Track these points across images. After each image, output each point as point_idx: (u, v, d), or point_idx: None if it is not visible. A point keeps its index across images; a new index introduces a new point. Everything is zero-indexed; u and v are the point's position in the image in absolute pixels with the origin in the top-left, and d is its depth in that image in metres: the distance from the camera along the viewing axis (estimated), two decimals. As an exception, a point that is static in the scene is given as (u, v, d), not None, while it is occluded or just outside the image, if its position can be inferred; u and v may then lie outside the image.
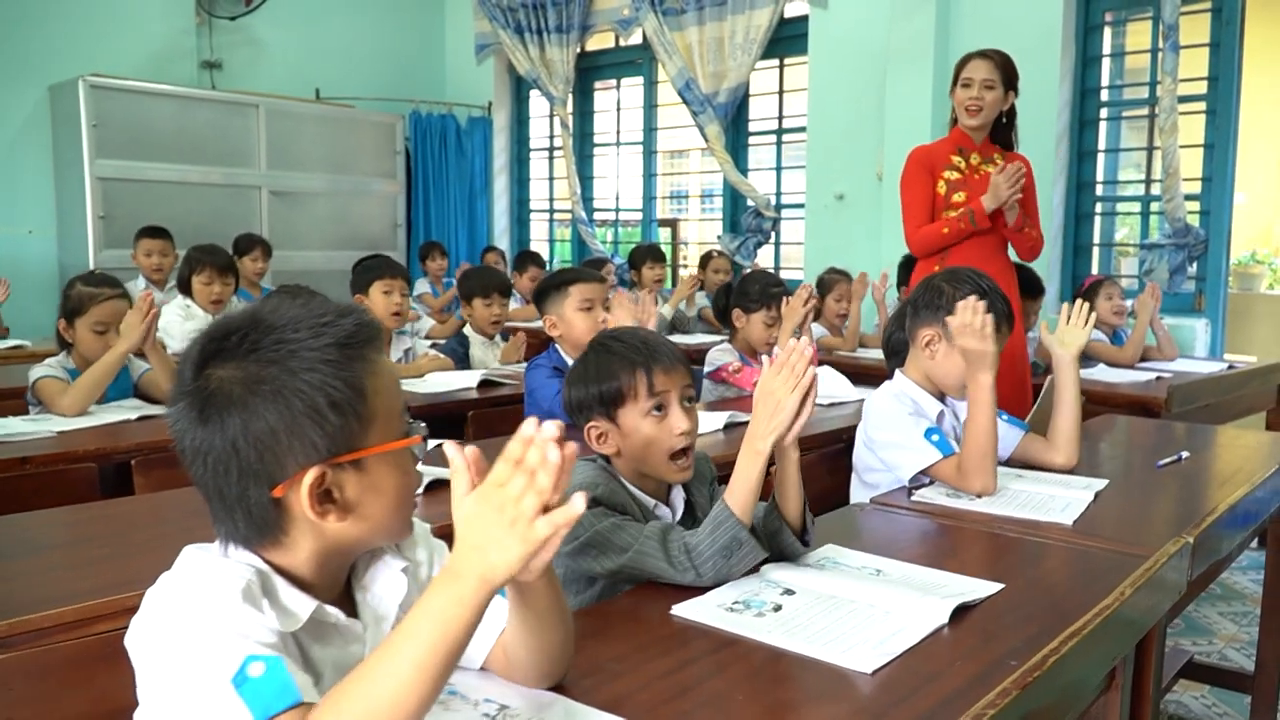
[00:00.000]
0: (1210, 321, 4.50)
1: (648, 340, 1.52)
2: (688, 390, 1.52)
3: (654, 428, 1.47)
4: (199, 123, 6.00)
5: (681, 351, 1.55)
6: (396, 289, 3.26)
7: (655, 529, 1.37)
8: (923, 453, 1.90)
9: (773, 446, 1.36)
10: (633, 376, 1.47)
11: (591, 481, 1.46)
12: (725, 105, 5.93)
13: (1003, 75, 3.13)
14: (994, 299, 1.95)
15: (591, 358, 1.53)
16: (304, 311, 0.95)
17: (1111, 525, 1.68)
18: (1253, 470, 2.07)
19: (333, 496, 0.94)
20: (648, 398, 1.47)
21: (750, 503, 1.35)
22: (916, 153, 3.29)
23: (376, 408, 0.95)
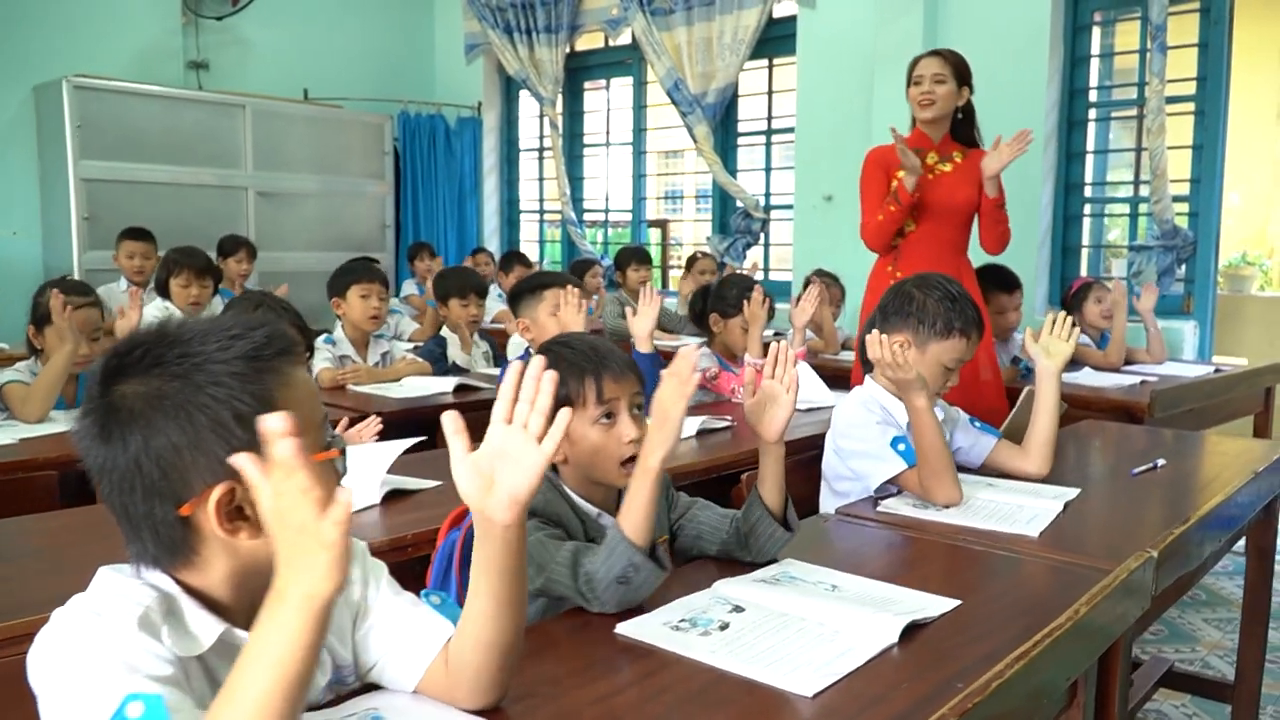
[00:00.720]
0: (1199, 324, 4.47)
1: (598, 347, 1.49)
2: (637, 399, 1.49)
3: (602, 436, 1.44)
4: (185, 123, 5.96)
5: (632, 360, 1.52)
6: (374, 293, 3.23)
7: (569, 552, 1.33)
8: (888, 462, 1.87)
9: (662, 462, 1.32)
10: (581, 384, 1.44)
11: None
12: (714, 106, 5.90)
13: (954, 71, 3.18)
14: (963, 305, 1.93)
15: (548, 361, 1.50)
16: (212, 325, 0.94)
17: (1077, 537, 1.65)
18: (1229, 478, 2.04)
19: (244, 513, 0.91)
20: (596, 405, 1.44)
21: (644, 524, 1.30)
22: (874, 153, 3.33)
23: None
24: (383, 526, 1.71)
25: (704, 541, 1.54)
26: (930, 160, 3.25)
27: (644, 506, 1.30)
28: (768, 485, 1.50)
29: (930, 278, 1.99)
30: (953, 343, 1.93)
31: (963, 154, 3.30)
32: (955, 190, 3.23)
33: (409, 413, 2.83)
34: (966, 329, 1.92)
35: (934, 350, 1.94)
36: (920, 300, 1.95)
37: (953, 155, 3.28)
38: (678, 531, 1.58)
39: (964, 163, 3.29)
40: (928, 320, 1.94)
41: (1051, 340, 2.12)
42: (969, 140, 3.32)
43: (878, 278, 3.43)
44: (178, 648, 0.87)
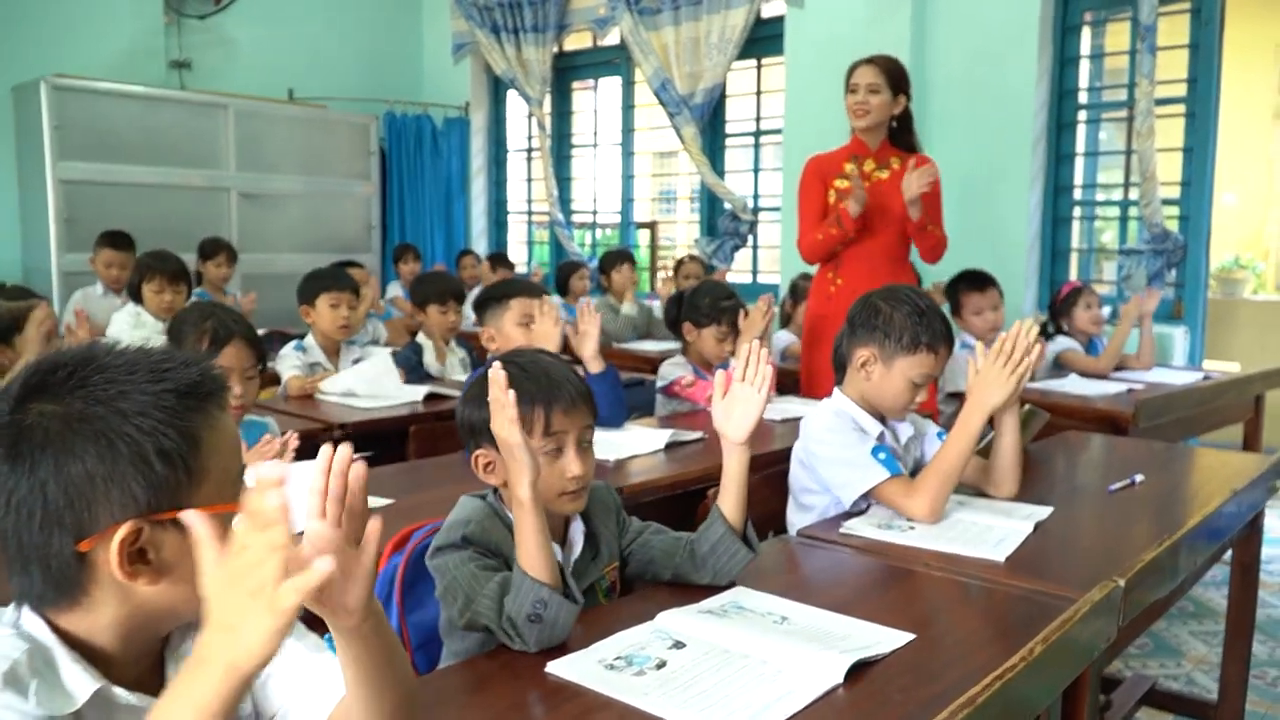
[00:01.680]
0: (1189, 329, 4.41)
1: (551, 374, 1.41)
2: (587, 432, 1.42)
3: (544, 468, 1.37)
4: (166, 124, 5.90)
5: (587, 389, 1.44)
6: (344, 301, 3.16)
7: (495, 587, 1.26)
8: (869, 470, 1.81)
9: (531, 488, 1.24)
10: (529, 412, 1.37)
11: (465, 518, 1.37)
12: (701, 106, 5.84)
13: (889, 79, 3.20)
14: (931, 319, 1.86)
15: (485, 381, 1.43)
16: (144, 354, 0.89)
17: (1045, 562, 1.58)
18: (1209, 495, 1.97)
19: (147, 556, 0.86)
20: (543, 437, 1.37)
21: (539, 557, 1.23)
22: (811, 162, 3.34)
23: (210, 465, 0.88)
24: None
25: (656, 566, 1.48)
26: (867, 167, 3.28)
27: (532, 539, 1.24)
28: (729, 496, 1.45)
29: (898, 291, 1.92)
30: (919, 358, 1.86)
31: (900, 160, 3.31)
32: (893, 197, 3.22)
33: (373, 424, 2.77)
34: (934, 344, 1.86)
35: (900, 365, 1.87)
36: (887, 314, 1.88)
37: (890, 162, 3.31)
38: (628, 558, 1.52)
39: (901, 169, 3.28)
40: (894, 334, 1.87)
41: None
42: (908, 146, 3.35)
43: (818, 286, 3.41)
44: (47, 706, 0.81)
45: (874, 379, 1.90)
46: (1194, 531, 1.69)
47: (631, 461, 2.27)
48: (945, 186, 4.94)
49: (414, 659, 1.53)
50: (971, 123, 4.84)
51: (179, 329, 2.06)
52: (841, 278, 3.31)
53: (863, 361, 1.91)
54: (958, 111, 4.88)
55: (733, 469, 1.45)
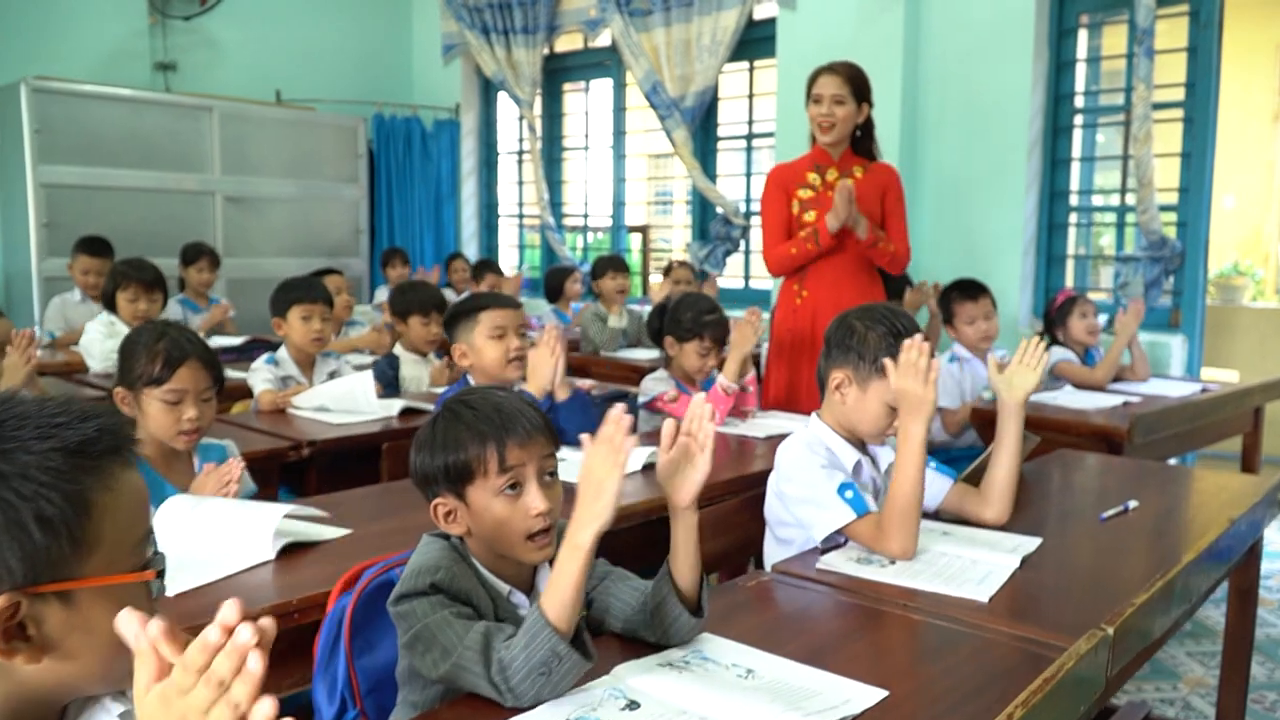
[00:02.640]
0: (1187, 338, 4.33)
1: (502, 407, 1.33)
2: (548, 464, 1.34)
3: (506, 508, 1.29)
4: (149, 126, 5.81)
5: (544, 418, 1.36)
6: (316, 313, 3.08)
7: (479, 636, 1.18)
8: (835, 511, 1.72)
9: (595, 539, 1.18)
10: (483, 450, 1.29)
11: (433, 564, 1.28)
12: (693, 109, 5.75)
13: (853, 89, 3.16)
14: (908, 339, 1.77)
15: (440, 424, 1.35)
16: (39, 407, 0.82)
17: (1030, 603, 1.50)
18: (1206, 523, 1.90)
19: (26, 632, 0.78)
20: (499, 474, 1.29)
21: (571, 608, 1.16)
22: (774, 172, 3.31)
23: (103, 531, 0.80)
24: (272, 588, 1.56)
25: (612, 617, 1.39)
26: (830, 177, 3.25)
27: (571, 588, 1.16)
28: (679, 560, 1.35)
29: (875, 310, 1.83)
30: None
31: (864, 168, 3.30)
32: (859, 207, 3.17)
33: (344, 442, 2.68)
34: None
35: (875, 388, 1.79)
36: (861, 334, 1.80)
37: (854, 170, 3.28)
38: (590, 602, 1.43)
39: (865, 177, 3.27)
40: (868, 356, 1.79)
41: (1017, 370, 1.96)
42: (869, 153, 3.32)
43: (784, 299, 3.35)
44: None
45: (849, 402, 1.82)
46: (1188, 568, 1.61)
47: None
48: (939, 192, 4.90)
49: (363, 706, 1.45)
50: (965, 127, 4.76)
51: (130, 350, 1.97)
52: (807, 289, 3.28)
53: (837, 384, 1.83)
54: (951, 116, 4.80)
55: (680, 535, 1.35)
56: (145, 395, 1.96)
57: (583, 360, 4.58)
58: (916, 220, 4.94)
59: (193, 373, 1.99)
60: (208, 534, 1.66)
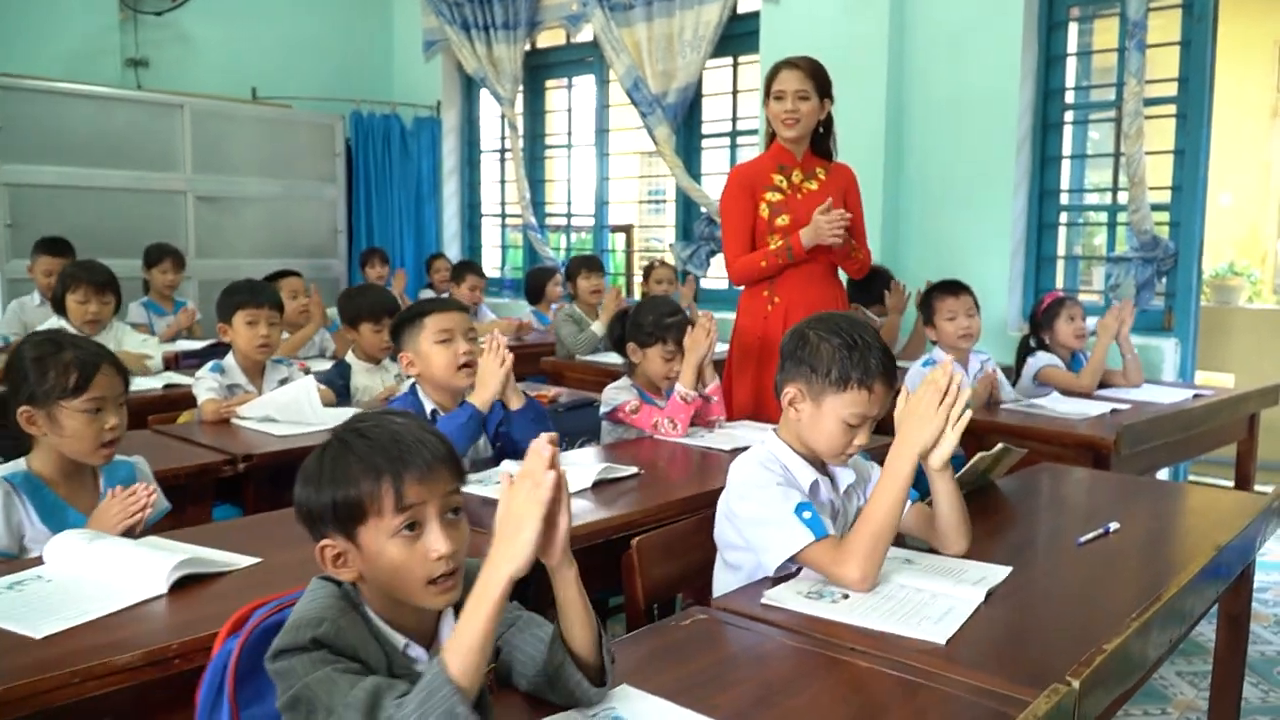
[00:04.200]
0: (1180, 341, 4.18)
1: (400, 437, 1.17)
2: (452, 500, 1.18)
3: (403, 551, 1.14)
4: (118, 125, 5.66)
5: (448, 447, 1.21)
6: (263, 318, 2.94)
7: (365, 694, 1.03)
8: (792, 533, 1.58)
9: (509, 582, 1.04)
10: (376, 485, 1.13)
11: (316, 616, 1.13)
12: (675, 106, 5.60)
13: (815, 84, 3.07)
14: (865, 352, 1.63)
15: (328, 455, 1.18)
16: None
17: (992, 645, 1.36)
18: (1192, 549, 1.75)
19: None
20: (396, 514, 1.13)
21: (476, 661, 1.02)
22: (736, 173, 3.20)
23: None
24: (155, 628, 1.41)
25: (515, 674, 1.24)
26: (795, 178, 3.16)
27: (478, 636, 1.03)
28: (567, 621, 1.19)
29: (831, 319, 1.68)
30: (851, 395, 1.63)
31: (825, 170, 3.21)
32: None
33: (285, 455, 2.54)
34: (867, 380, 1.62)
35: (830, 404, 1.64)
36: (814, 345, 1.65)
37: (816, 172, 3.19)
38: (498, 651, 1.28)
39: (828, 179, 3.18)
40: (821, 369, 1.64)
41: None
42: (827, 153, 3.23)
43: (753, 304, 3.20)
44: None
45: (803, 419, 1.68)
46: (1169, 604, 1.46)
47: (550, 505, 2.04)
48: (924, 190, 4.75)
49: (251, 761, 1.31)
50: (952, 124, 4.61)
51: (33, 365, 1.82)
52: (778, 295, 3.16)
53: (790, 399, 1.68)
54: (938, 112, 4.65)
55: (560, 591, 1.19)
56: (61, 410, 1.82)
57: (556, 365, 4.44)
58: (901, 220, 4.82)
59: (108, 379, 1.87)
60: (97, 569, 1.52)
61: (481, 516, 1.95)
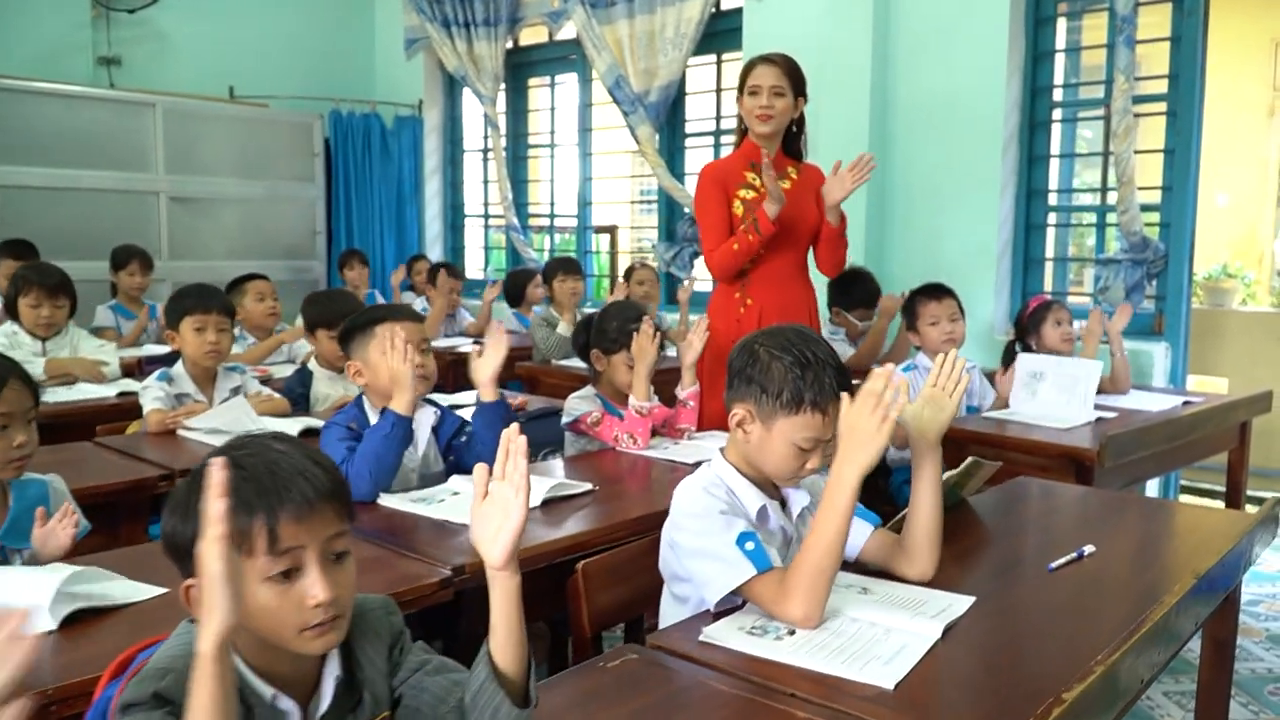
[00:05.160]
0: (1170, 345, 4.06)
1: (278, 468, 1.05)
2: (336, 543, 1.07)
3: (276, 597, 1.02)
4: (88, 124, 5.55)
5: (335, 481, 1.09)
6: (211, 324, 2.82)
7: None
8: (733, 567, 1.46)
9: (216, 647, 0.93)
10: (248, 523, 1.02)
11: (164, 666, 1.01)
12: (657, 105, 5.49)
13: (790, 81, 3.03)
14: (820, 371, 1.51)
15: (197, 484, 1.07)
16: None
17: (945, 690, 1.25)
18: (1174, 574, 1.64)
19: None
20: (269, 556, 1.02)
21: None
22: (709, 169, 3.15)
23: None
24: (44, 669, 1.29)
25: (422, 718, 1.13)
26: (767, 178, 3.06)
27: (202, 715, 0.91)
28: (499, 635, 1.10)
29: (784, 334, 1.56)
30: (803, 418, 1.51)
31: (797, 169, 3.15)
32: (798, 209, 3.05)
33: (228, 468, 2.42)
34: (821, 402, 1.50)
35: (781, 426, 1.52)
36: (765, 363, 1.53)
37: (788, 171, 3.13)
38: (399, 699, 1.17)
39: (800, 179, 3.13)
40: (772, 388, 1.52)
41: (930, 400, 1.67)
42: (797, 154, 3.18)
43: (724, 306, 3.14)
44: None
45: (753, 441, 1.56)
46: (1142, 642, 1.35)
47: (493, 525, 1.92)
48: (908, 191, 4.63)
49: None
50: (938, 122, 4.49)
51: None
52: (751, 297, 3.10)
53: (739, 420, 1.56)
54: (923, 111, 4.54)
55: (498, 602, 1.10)
56: None
57: (531, 370, 4.33)
58: (885, 221, 4.70)
59: (16, 394, 1.75)
60: (-19, 600, 1.40)
61: (432, 540, 1.84)
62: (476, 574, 1.73)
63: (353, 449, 2.11)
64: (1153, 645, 1.40)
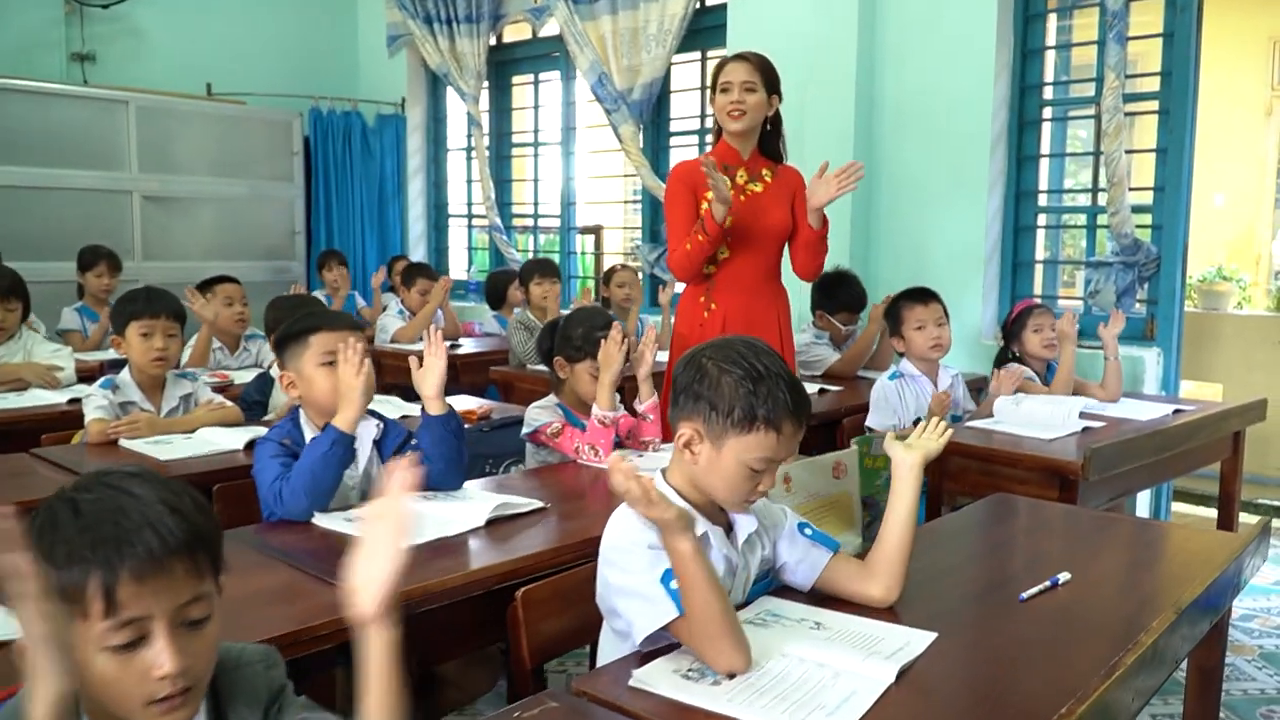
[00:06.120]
0: (1163, 351, 3.94)
1: (124, 514, 0.91)
2: (191, 609, 0.93)
3: (116, 667, 0.90)
4: (60, 122, 5.43)
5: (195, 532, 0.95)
6: (159, 330, 2.70)
7: None
8: (657, 606, 1.33)
9: None
10: (82, 580, 0.88)
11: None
12: (640, 103, 5.37)
13: (763, 78, 2.93)
14: (772, 386, 1.38)
15: (35, 525, 0.93)
16: None
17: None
18: (1157, 604, 1.52)
19: None
20: (106, 622, 0.89)
21: None
22: (678, 169, 3.04)
23: None
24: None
25: None
26: (740, 179, 2.98)
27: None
28: (372, 702, 0.98)
29: (732, 346, 1.44)
30: (756, 437, 1.39)
31: (772, 171, 3.04)
32: (769, 212, 2.96)
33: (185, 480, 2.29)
34: (774, 419, 1.38)
35: (732, 446, 1.40)
36: (713, 379, 1.41)
37: (762, 173, 3.02)
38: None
39: (775, 181, 3.02)
40: (722, 405, 1.40)
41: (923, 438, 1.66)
42: (774, 154, 3.07)
43: (689, 310, 3.06)
44: None
45: (701, 462, 1.43)
46: (1117, 683, 1.23)
47: (430, 547, 1.80)
48: (895, 191, 4.51)
49: None
50: (924, 121, 4.38)
51: None
52: (715, 301, 3.00)
53: (686, 440, 1.44)
54: (909, 109, 4.42)
55: (370, 660, 0.98)
56: None
57: (506, 375, 4.21)
58: (870, 223, 4.58)
59: None
60: None
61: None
62: (405, 604, 1.63)
63: (287, 465, 1.99)
64: (1128, 686, 1.28)
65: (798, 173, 3.09)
